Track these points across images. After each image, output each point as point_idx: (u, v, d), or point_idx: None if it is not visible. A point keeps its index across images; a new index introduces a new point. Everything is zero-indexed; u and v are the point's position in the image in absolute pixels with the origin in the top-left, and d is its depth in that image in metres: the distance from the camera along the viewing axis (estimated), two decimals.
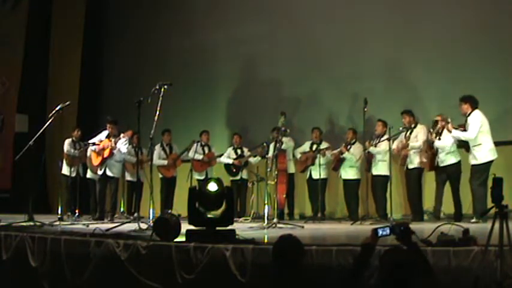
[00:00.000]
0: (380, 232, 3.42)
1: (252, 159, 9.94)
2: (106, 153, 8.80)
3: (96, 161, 8.93)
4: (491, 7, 8.71)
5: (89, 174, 9.71)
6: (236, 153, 10.06)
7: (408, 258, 3.09)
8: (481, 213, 6.74)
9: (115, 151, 8.77)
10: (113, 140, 8.69)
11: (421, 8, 9.28)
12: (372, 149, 8.47)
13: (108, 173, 8.98)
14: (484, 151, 7.36)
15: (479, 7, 8.81)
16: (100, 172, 8.95)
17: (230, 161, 9.99)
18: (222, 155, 10.13)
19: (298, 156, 9.59)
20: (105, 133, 9.02)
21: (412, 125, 8.29)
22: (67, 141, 9.74)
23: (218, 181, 5.11)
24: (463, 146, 7.68)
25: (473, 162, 7.45)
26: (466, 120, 7.50)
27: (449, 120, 7.49)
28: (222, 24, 11.35)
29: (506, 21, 8.55)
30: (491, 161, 7.36)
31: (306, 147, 9.56)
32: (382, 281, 3.08)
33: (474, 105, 7.45)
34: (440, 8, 9.09)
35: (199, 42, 11.51)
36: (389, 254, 3.16)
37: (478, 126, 7.31)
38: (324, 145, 9.33)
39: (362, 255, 3.48)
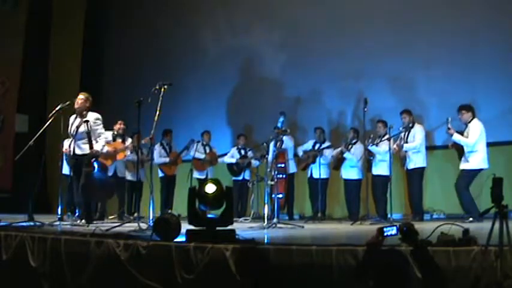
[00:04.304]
0: (387, 232, 3.42)
1: (254, 161, 9.95)
2: (120, 156, 8.92)
3: (106, 163, 9.04)
4: (491, 7, 8.72)
5: None
6: (240, 153, 10.08)
7: (403, 260, 3.09)
8: (480, 213, 6.75)
9: (129, 153, 8.92)
10: (128, 143, 8.77)
11: (422, 8, 9.29)
12: (373, 147, 8.49)
13: (119, 174, 9.23)
14: (478, 158, 7.55)
15: (479, 7, 8.82)
16: (109, 173, 9.09)
17: (234, 161, 10.02)
18: (224, 154, 10.16)
19: (300, 153, 9.61)
20: (107, 134, 9.07)
21: (410, 125, 8.32)
22: (67, 142, 9.71)
23: (216, 182, 5.09)
24: (457, 152, 7.76)
25: (464, 166, 7.62)
26: (466, 127, 7.64)
27: (449, 126, 7.55)
28: (223, 24, 11.37)
29: (506, 20, 8.55)
30: (481, 170, 7.51)
31: (309, 145, 9.58)
32: (378, 282, 3.08)
33: (474, 114, 7.70)
34: (440, 9, 9.10)
35: (200, 42, 11.52)
36: (384, 255, 3.17)
37: (478, 134, 7.53)
38: (326, 145, 9.35)
39: (367, 254, 3.47)
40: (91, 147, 7.21)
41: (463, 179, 7.56)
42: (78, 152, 7.35)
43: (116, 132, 9.27)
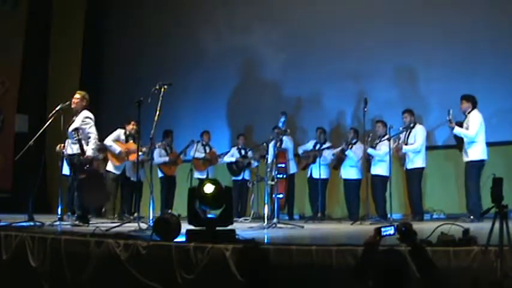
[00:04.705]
0: (384, 231, 3.42)
1: (253, 161, 9.95)
2: (132, 157, 8.89)
3: (117, 162, 9.11)
4: (491, 7, 8.72)
5: None
6: (240, 153, 10.09)
7: (402, 260, 3.09)
8: (481, 213, 6.74)
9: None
10: (144, 148, 8.78)
11: (422, 8, 9.29)
12: (370, 150, 8.46)
13: (127, 174, 9.21)
14: (477, 150, 7.52)
15: (479, 7, 8.82)
16: (118, 172, 9.16)
17: (234, 160, 10.02)
18: (224, 154, 10.16)
19: (301, 152, 9.61)
20: (120, 132, 9.11)
21: (411, 125, 8.31)
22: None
23: (214, 182, 5.09)
24: (457, 146, 7.75)
25: (466, 159, 7.59)
26: (465, 118, 7.60)
27: (450, 117, 7.51)
28: (223, 24, 11.36)
29: (506, 20, 8.55)
30: (483, 161, 7.43)
31: (309, 145, 9.58)
32: (377, 282, 3.08)
33: (474, 105, 7.62)
34: (440, 9, 9.10)
35: (200, 42, 11.52)
36: (383, 255, 3.16)
37: (478, 125, 7.47)
38: (326, 145, 9.35)
39: (365, 254, 3.47)
40: (83, 152, 7.17)
41: (471, 175, 7.44)
42: (68, 151, 7.37)
43: (128, 133, 9.27)
